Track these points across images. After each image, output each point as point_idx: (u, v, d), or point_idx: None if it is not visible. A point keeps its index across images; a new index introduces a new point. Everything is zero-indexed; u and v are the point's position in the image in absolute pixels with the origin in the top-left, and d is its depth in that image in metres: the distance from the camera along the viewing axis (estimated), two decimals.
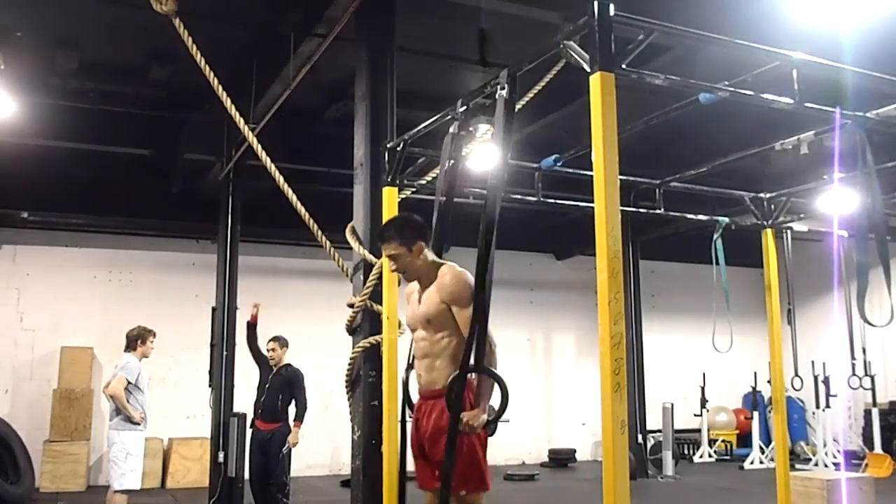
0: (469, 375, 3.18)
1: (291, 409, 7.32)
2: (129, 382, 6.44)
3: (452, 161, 3.84)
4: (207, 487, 8.83)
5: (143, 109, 8.68)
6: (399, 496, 3.99)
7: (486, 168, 6.13)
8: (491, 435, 3.44)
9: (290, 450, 7.23)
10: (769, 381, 6.16)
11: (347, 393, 4.69)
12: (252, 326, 7.64)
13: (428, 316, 3.57)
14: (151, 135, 9.11)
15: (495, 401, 3.29)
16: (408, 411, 3.86)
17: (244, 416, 7.86)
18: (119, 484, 6.36)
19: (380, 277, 4.48)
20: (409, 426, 3.83)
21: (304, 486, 9.76)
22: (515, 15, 6.06)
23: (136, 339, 6.68)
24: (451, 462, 3.12)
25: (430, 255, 3.71)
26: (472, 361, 3.12)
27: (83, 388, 10.18)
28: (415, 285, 3.77)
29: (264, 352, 7.49)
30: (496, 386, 3.23)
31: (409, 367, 3.84)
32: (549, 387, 13.03)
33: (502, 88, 3.18)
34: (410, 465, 3.84)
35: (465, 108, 3.71)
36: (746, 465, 12.34)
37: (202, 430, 9.89)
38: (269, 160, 5.19)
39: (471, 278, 3.40)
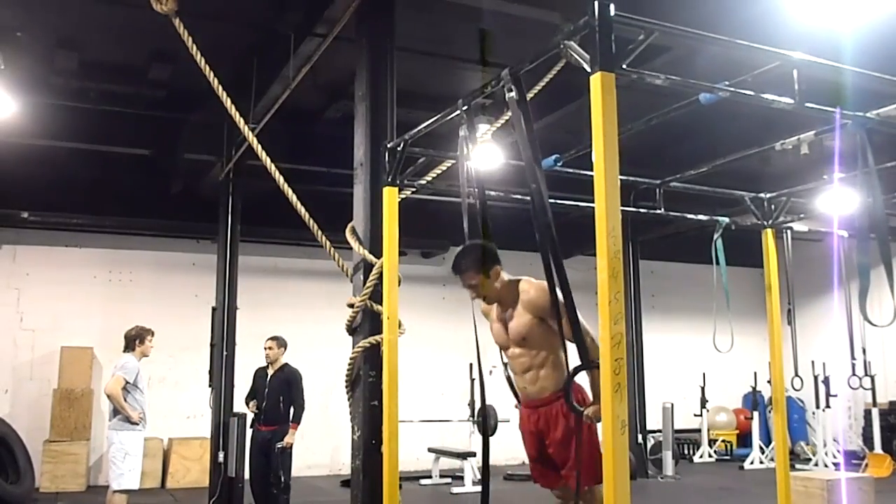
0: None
1: (292, 410, 7.32)
2: (127, 382, 6.45)
3: (469, 162, 3.82)
4: (207, 487, 8.84)
5: (143, 109, 8.69)
6: None
7: (487, 168, 6.15)
8: None
9: (290, 449, 7.24)
10: (769, 381, 6.15)
11: (347, 393, 4.69)
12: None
13: (523, 334, 3.66)
14: (151, 135, 9.11)
15: None
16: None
17: (244, 416, 7.86)
18: (118, 484, 6.38)
19: (380, 277, 4.47)
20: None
21: (304, 486, 9.74)
22: (515, 15, 6.06)
23: (135, 339, 6.69)
24: (580, 459, 3.27)
25: (506, 275, 3.76)
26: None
27: (83, 388, 10.17)
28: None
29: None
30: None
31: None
32: None
33: (509, 91, 3.12)
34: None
35: (466, 107, 3.70)
36: (746, 465, 12.34)
37: (202, 430, 9.89)
38: (269, 160, 5.18)
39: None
